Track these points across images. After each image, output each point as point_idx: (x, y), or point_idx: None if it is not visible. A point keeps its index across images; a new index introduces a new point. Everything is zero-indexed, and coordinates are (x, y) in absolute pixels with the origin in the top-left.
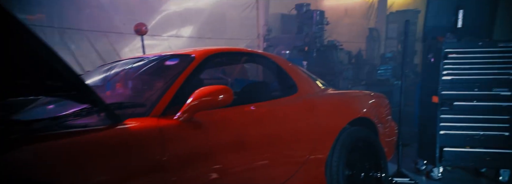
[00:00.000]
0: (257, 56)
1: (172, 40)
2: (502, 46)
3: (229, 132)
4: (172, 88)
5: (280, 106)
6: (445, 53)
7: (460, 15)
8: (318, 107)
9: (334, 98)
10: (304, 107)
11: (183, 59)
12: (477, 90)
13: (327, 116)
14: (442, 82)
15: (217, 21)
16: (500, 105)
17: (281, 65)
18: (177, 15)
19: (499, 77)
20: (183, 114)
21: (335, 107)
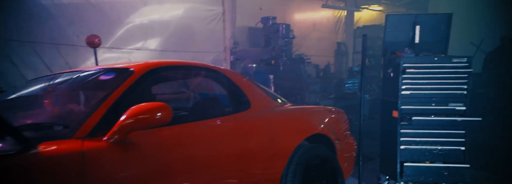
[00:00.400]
0: (206, 70)
1: (136, 53)
2: (456, 61)
3: (171, 153)
4: (103, 105)
5: (230, 123)
6: (403, 68)
7: (417, 30)
8: (271, 124)
9: (289, 114)
10: (256, 123)
11: (120, 74)
12: (435, 105)
13: (281, 133)
14: (401, 96)
15: (183, 33)
16: (455, 120)
17: (234, 80)
18: (143, 28)
19: (454, 92)
20: (113, 134)
21: (290, 124)
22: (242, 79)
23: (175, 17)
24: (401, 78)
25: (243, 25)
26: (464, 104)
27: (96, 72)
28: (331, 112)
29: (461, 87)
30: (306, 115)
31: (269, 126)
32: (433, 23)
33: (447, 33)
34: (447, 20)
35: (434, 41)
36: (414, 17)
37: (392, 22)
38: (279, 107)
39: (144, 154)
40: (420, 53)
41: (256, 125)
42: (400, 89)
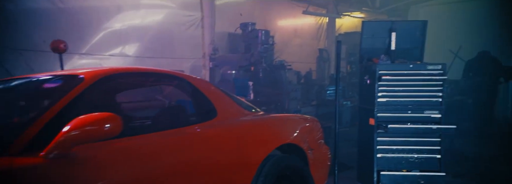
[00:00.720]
0: (168, 77)
1: (112, 60)
2: (431, 68)
3: (124, 168)
4: (44, 117)
5: (194, 132)
6: (379, 75)
7: (393, 37)
8: (239, 133)
9: (259, 123)
10: (222, 133)
11: (68, 81)
12: (410, 112)
13: (249, 143)
14: (377, 104)
15: (162, 39)
16: (430, 127)
17: (199, 87)
18: (120, 33)
19: (429, 100)
20: (52, 149)
21: (259, 133)
22: (209, 86)
23: (154, 22)
24: (377, 85)
25: (223, 31)
26: (439, 111)
27: (41, 80)
28: (304, 121)
29: (436, 95)
30: (277, 124)
31: (237, 136)
32: (408, 30)
33: (422, 40)
34: (422, 27)
35: (410, 48)
36: (390, 24)
37: (368, 29)
38: (250, 116)
39: (92, 170)
40: (396, 60)
41: (222, 134)
42: (376, 97)
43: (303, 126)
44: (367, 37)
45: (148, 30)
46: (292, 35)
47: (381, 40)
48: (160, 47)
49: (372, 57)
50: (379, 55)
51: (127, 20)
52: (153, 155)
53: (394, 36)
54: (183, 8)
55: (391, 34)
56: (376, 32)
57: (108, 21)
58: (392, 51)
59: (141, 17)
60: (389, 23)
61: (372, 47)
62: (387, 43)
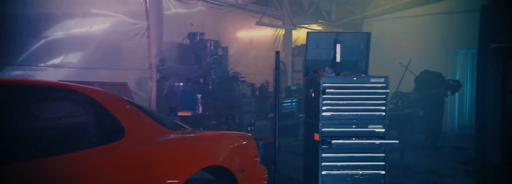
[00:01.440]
0: (61, 91)
1: (51, 70)
2: (374, 81)
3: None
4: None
5: (93, 158)
6: (323, 88)
7: (338, 49)
8: (149, 157)
9: (178, 143)
10: (128, 157)
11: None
12: (355, 127)
13: (162, 167)
14: (322, 118)
15: (107, 49)
16: (374, 142)
17: (103, 102)
18: (64, 42)
19: (373, 114)
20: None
21: (177, 155)
22: (117, 102)
23: (99, 31)
24: (321, 99)
25: (172, 41)
26: (383, 126)
27: None
28: (236, 139)
29: (379, 108)
30: (201, 144)
31: (146, 160)
32: (353, 42)
33: (366, 52)
34: (366, 39)
35: (356, 60)
36: (335, 35)
37: (313, 40)
38: (171, 135)
39: None
40: (341, 72)
41: (127, 158)
42: (320, 110)
43: (234, 145)
44: (312, 48)
45: (93, 40)
46: (248, 46)
47: (327, 52)
48: (104, 57)
49: (317, 69)
50: (325, 67)
51: (71, 29)
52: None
53: (339, 47)
54: (129, 16)
55: (336, 46)
56: (321, 44)
57: (49, 29)
58: (337, 63)
59: (86, 25)
60: (333, 34)
61: (318, 58)
62: (332, 55)
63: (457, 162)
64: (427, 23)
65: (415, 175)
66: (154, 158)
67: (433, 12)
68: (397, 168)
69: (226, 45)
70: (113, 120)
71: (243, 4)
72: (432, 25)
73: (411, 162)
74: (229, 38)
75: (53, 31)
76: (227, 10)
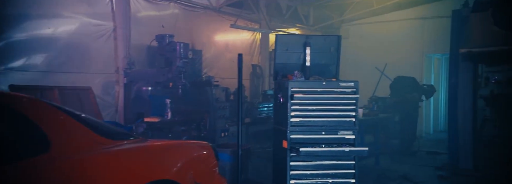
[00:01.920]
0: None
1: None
2: (344, 86)
3: None
4: None
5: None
6: (291, 93)
7: (307, 52)
8: (78, 172)
9: (119, 156)
10: (50, 173)
11: None
12: (324, 133)
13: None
14: (290, 124)
15: (73, 52)
16: (343, 150)
17: (23, 110)
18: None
19: (343, 120)
20: None
21: (112, 170)
22: (43, 109)
23: (63, 32)
24: (290, 104)
25: (142, 44)
26: (353, 132)
27: None
28: (190, 149)
29: (349, 114)
30: (146, 155)
31: (74, 175)
32: (324, 45)
33: (337, 55)
34: (336, 42)
35: (326, 64)
36: (304, 38)
37: (282, 43)
38: (110, 145)
39: None
40: (311, 76)
41: (53, 175)
42: (289, 116)
43: (188, 156)
44: (281, 51)
45: (55, 42)
46: (223, 49)
47: (296, 55)
48: (68, 60)
49: (287, 74)
50: (294, 71)
51: (32, 30)
52: None
53: (309, 51)
54: (94, 16)
55: (306, 49)
56: (291, 47)
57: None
58: (307, 67)
59: (47, 26)
60: (303, 37)
61: (287, 62)
62: (302, 59)
63: (431, 167)
64: (403, 28)
65: (390, 182)
66: (82, 174)
67: (408, 17)
68: (372, 174)
69: (200, 48)
70: (35, 131)
71: (218, 7)
72: (407, 30)
73: (386, 168)
74: (204, 41)
75: (13, 33)
76: (201, 13)
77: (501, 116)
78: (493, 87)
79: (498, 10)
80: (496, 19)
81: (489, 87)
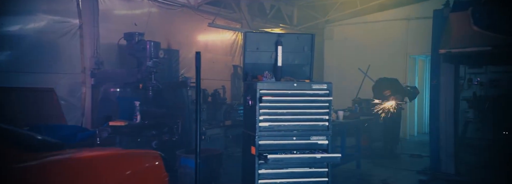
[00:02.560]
0: None
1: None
2: (317, 88)
3: None
4: None
5: None
6: (260, 95)
7: (279, 52)
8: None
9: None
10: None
11: None
12: (296, 138)
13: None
14: (259, 129)
15: (34, 51)
16: (314, 157)
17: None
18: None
19: (316, 124)
20: None
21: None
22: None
23: (24, 30)
24: (258, 107)
25: (112, 42)
26: (326, 137)
27: None
28: (131, 161)
29: (322, 118)
30: (65, 172)
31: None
32: (297, 44)
33: (311, 55)
34: (310, 41)
35: (300, 64)
36: (276, 36)
37: (252, 41)
38: (28, 159)
39: None
40: (283, 77)
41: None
42: (257, 120)
43: (130, 169)
44: (251, 51)
45: (17, 40)
46: (203, 49)
47: (268, 55)
48: (30, 60)
49: (257, 74)
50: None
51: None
52: None
53: (281, 50)
54: (56, 13)
55: (277, 48)
56: (262, 46)
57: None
58: (278, 68)
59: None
60: (275, 36)
61: (257, 62)
62: (273, 58)
63: (413, 171)
64: (387, 29)
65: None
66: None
67: (392, 18)
68: (352, 179)
69: (177, 48)
70: None
71: (196, 5)
72: (391, 31)
73: (367, 172)
74: (181, 40)
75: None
76: (178, 11)
77: (484, 118)
78: (476, 89)
79: (478, 10)
80: (475, 19)
81: (472, 89)
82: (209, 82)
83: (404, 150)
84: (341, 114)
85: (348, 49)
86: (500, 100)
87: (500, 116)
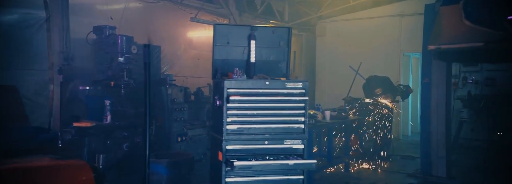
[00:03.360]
0: None
1: None
2: (291, 86)
3: None
4: None
5: None
6: (228, 94)
7: (252, 46)
8: None
9: None
10: None
11: None
12: (268, 143)
13: None
14: (226, 132)
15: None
16: (287, 164)
17: None
18: None
19: (290, 126)
20: None
21: None
22: None
23: None
24: (226, 108)
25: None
26: (302, 141)
27: None
28: (41, 174)
29: (297, 120)
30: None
31: None
32: (272, 38)
33: (287, 50)
34: (287, 35)
35: (276, 61)
36: (249, 30)
37: (222, 35)
38: None
39: None
40: (256, 75)
41: None
42: (224, 122)
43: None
44: (222, 45)
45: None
46: (187, 46)
47: (240, 50)
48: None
49: (228, 72)
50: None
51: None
52: None
53: (254, 45)
54: (21, 4)
55: (250, 43)
56: (233, 40)
57: None
58: (251, 64)
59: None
60: (247, 29)
61: (228, 58)
62: (246, 54)
63: (403, 174)
64: (380, 25)
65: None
66: None
67: (385, 14)
68: (340, 183)
69: (158, 44)
70: None
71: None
72: (385, 28)
73: (355, 175)
74: (163, 36)
75: None
76: (160, 5)
77: (479, 118)
78: (470, 87)
79: (470, 3)
80: (467, 13)
81: (467, 88)
82: (194, 80)
83: (396, 151)
84: (328, 114)
85: (341, 46)
86: (495, 99)
87: (496, 116)
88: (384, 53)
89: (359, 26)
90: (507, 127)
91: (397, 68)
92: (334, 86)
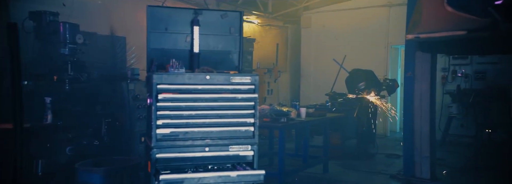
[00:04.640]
0: None
1: None
2: (238, 82)
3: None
4: None
5: None
6: (157, 92)
7: (195, 34)
8: None
9: None
10: None
11: None
12: (209, 150)
13: None
14: (156, 137)
15: None
16: (228, 176)
17: None
18: None
19: (237, 129)
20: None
21: None
22: None
23: None
24: (156, 108)
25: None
26: (252, 147)
27: None
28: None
29: (245, 122)
30: None
31: None
32: (221, 24)
33: (239, 39)
34: (238, 20)
35: (226, 51)
36: (192, 14)
37: (158, 20)
38: None
39: None
40: (199, 67)
41: None
42: (154, 126)
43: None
44: (159, 32)
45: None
46: None
47: (181, 38)
48: None
49: (166, 63)
50: (171, 60)
51: None
52: None
53: (197, 31)
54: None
55: (193, 29)
56: (172, 25)
57: None
58: (196, 55)
59: None
60: (190, 12)
61: (166, 47)
62: (189, 43)
63: (386, 175)
64: (367, 16)
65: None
66: None
67: (373, 4)
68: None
69: (123, 35)
70: None
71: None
72: (372, 19)
73: (334, 177)
74: (128, 27)
75: None
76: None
77: (469, 113)
78: (460, 81)
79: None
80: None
81: (456, 82)
82: None
83: (381, 149)
84: (303, 111)
85: (327, 39)
86: (486, 94)
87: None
88: (371, 45)
89: (346, 17)
90: (497, 122)
91: (384, 61)
92: (319, 80)
